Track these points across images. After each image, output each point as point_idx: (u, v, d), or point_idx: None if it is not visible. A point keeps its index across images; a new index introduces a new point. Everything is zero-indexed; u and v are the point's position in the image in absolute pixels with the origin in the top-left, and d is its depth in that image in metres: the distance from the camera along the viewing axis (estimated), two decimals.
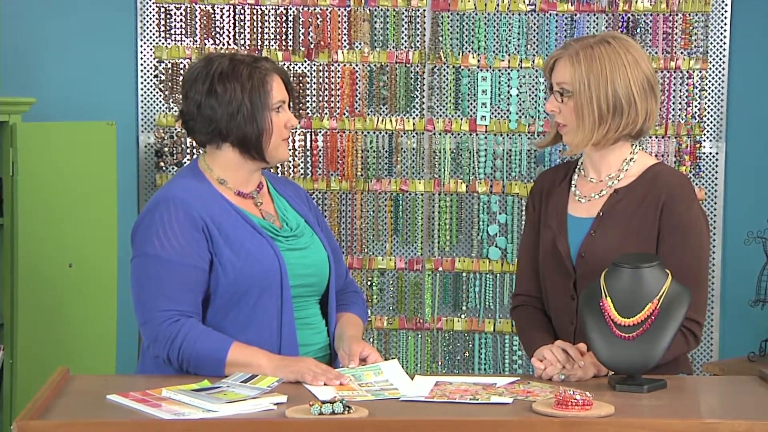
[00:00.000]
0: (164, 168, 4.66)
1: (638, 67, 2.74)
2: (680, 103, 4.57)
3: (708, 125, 4.57)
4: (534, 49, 4.60)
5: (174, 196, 2.73)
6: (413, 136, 4.64)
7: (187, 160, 4.65)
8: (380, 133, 4.64)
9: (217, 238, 2.72)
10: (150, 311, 2.68)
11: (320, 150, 4.59)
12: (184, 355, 2.66)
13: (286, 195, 2.93)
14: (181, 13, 4.64)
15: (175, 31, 4.65)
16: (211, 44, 4.63)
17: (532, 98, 4.59)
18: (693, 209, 2.79)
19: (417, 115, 4.64)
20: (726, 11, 4.55)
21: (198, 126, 2.77)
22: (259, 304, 2.74)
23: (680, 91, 4.57)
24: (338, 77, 4.62)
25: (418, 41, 4.62)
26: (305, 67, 4.63)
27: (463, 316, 4.67)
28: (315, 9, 4.62)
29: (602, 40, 2.76)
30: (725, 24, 4.55)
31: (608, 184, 2.85)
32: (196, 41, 4.64)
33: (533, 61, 4.59)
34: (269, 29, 4.64)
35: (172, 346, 2.66)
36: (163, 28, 4.64)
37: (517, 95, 4.59)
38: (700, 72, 4.55)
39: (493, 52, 4.60)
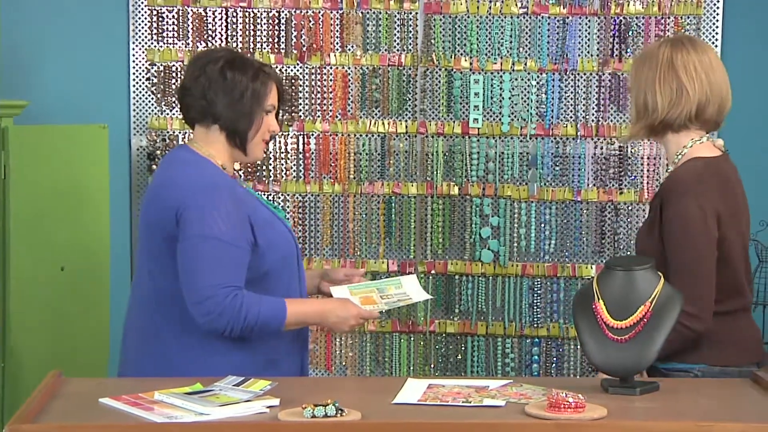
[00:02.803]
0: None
1: (672, 73, 2.97)
2: None
3: None
4: (526, 51, 4.60)
5: (216, 183, 2.92)
6: (406, 139, 4.63)
7: None
8: (373, 135, 4.64)
9: (253, 220, 2.93)
10: (212, 288, 2.82)
11: (313, 153, 4.59)
12: (249, 324, 2.84)
13: None
14: (173, 16, 4.64)
15: (167, 34, 4.64)
16: (203, 47, 4.62)
17: (525, 101, 4.59)
18: (681, 203, 2.87)
19: (409, 117, 4.64)
20: (718, 14, 4.56)
21: (196, 102, 2.98)
22: (282, 281, 2.97)
23: None
24: (331, 80, 4.62)
25: (410, 44, 4.62)
26: (298, 70, 4.63)
27: (455, 319, 4.67)
28: (307, 12, 4.61)
29: (657, 45, 3.04)
30: (717, 27, 4.56)
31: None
32: (189, 44, 4.63)
33: (525, 64, 4.59)
34: (261, 32, 4.63)
35: (237, 318, 2.83)
36: (155, 31, 4.64)
37: (510, 98, 4.59)
38: None
39: (486, 54, 4.60)
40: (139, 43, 4.65)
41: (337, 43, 4.63)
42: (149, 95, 4.65)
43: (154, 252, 2.96)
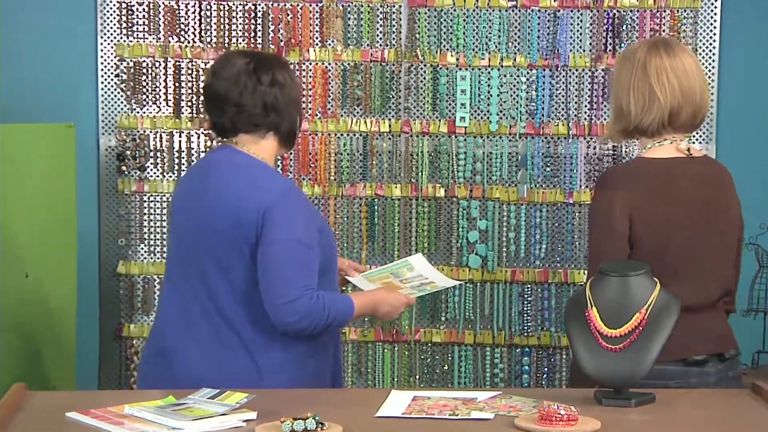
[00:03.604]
0: (126, 172, 4.64)
1: (644, 79, 3.08)
2: None
3: None
4: (515, 46, 4.61)
5: (293, 186, 3.14)
6: (389, 139, 4.64)
7: (151, 164, 4.64)
8: (354, 135, 4.64)
9: (314, 222, 3.12)
10: (301, 288, 2.99)
11: (291, 153, 4.59)
12: (330, 321, 3.03)
13: None
14: (143, 9, 4.63)
15: (137, 28, 4.64)
16: (176, 42, 4.62)
17: (514, 98, 4.61)
18: (596, 195, 3.11)
19: (393, 116, 4.64)
20: (716, 7, 4.58)
21: (255, 116, 3.10)
22: (328, 279, 3.14)
23: None
24: (310, 77, 4.62)
25: (393, 39, 4.63)
26: None
27: (441, 328, 4.67)
28: (285, 5, 4.61)
29: (636, 48, 3.16)
30: (715, 20, 4.58)
31: None
32: (160, 39, 4.63)
33: (515, 60, 4.60)
34: (237, 26, 4.63)
35: (321, 317, 3.01)
36: (124, 25, 4.63)
37: (498, 95, 4.60)
38: None
39: (473, 50, 4.61)
40: (108, 37, 4.64)
41: (316, 38, 4.63)
42: (119, 93, 4.65)
43: (230, 255, 3.06)
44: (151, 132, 4.64)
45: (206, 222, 3.07)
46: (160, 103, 4.65)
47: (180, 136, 4.65)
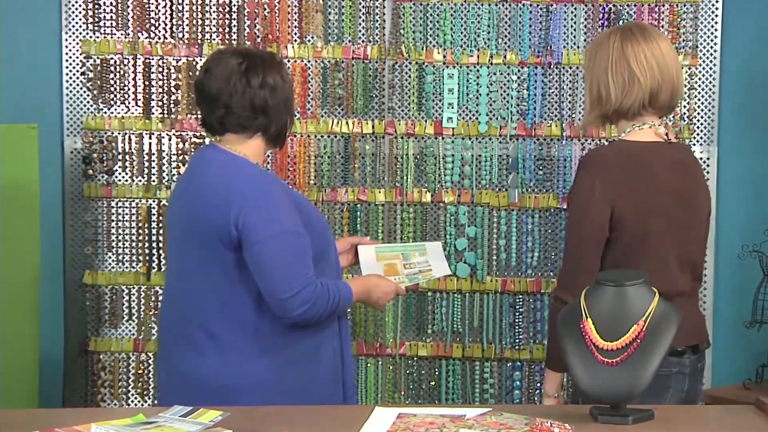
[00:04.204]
0: (93, 176, 4.62)
1: (622, 61, 3.23)
2: None
3: (698, 127, 4.60)
4: (505, 43, 4.61)
5: (265, 179, 3.22)
6: (372, 140, 4.63)
7: (119, 167, 4.62)
8: (335, 136, 4.64)
9: (301, 211, 3.24)
10: (305, 277, 3.16)
11: (269, 156, 4.57)
12: (334, 306, 3.22)
13: None
14: (111, 3, 4.62)
15: (104, 24, 4.62)
16: (145, 37, 4.61)
17: (504, 98, 4.60)
18: (577, 177, 3.22)
19: (376, 116, 4.64)
20: (717, 1, 4.58)
21: (243, 118, 3.22)
22: (325, 265, 3.29)
23: None
24: (288, 75, 4.61)
25: (377, 35, 4.62)
26: None
27: (428, 341, 4.66)
28: None
29: (608, 34, 3.30)
30: (716, 15, 4.59)
31: None
32: (129, 34, 4.62)
33: (505, 57, 4.60)
34: (211, 21, 4.62)
35: (328, 304, 3.19)
36: (90, 20, 4.61)
37: (488, 94, 4.60)
38: (689, 68, 4.58)
39: (461, 46, 4.61)
40: (73, 33, 4.62)
41: (295, 34, 4.62)
42: (84, 92, 4.63)
43: (208, 255, 3.19)
44: (119, 133, 4.63)
45: (186, 222, 3.23)
46: (129, 103, 4.63)
47: (150, 138, 4.63)
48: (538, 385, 4.63)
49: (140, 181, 4.64)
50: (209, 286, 3.17)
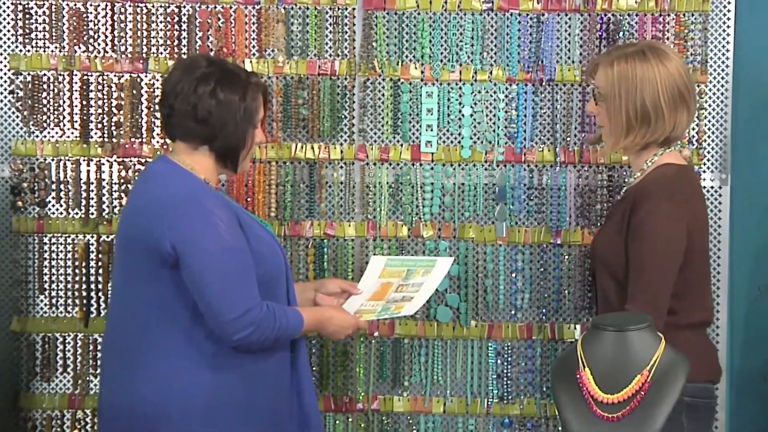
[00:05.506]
0: (23, 208, 4.60)
1: (670, 78, 3.54)
2: None
3: (709, 152, 4.62)
4: (491, 57, 4.62)
5: (196, 196, 3.41)
6: (341, 168, 4.63)
7: (53, 198, 4.60)
8: (299, 163, 4.63)
9: (245, 230, 3.46)
10: (250, 299, 3.36)
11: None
12: (279, 333, 3.44)
13: None
14: (43, 13, 4.61)
15: (36, 35, 4.61)
16: (83, 51, 4.60)
17: (490, 119, 4.61)
18: (653, 203, 3.40)
19: (345, 140, 4.64)
20: (729, 11, 4.61)
21: (185, 123, 3.51)
22: (271, 293, 3.48)
23: None
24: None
25: (346, 48, 4.63)
26: None
27: (404, 394, 4.65)
28: (215, 7, 4.61)
29: (639, 51, 3.59)
30: (728, 26, 4.61)
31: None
32: (64, 48, 4.61)
33: (491, 73, 4.61)
34: (157, 33, 4.62)
35: (273, 327, 3.40)
36: (20, 32, 4.61)
37: (471, 115, 4.61)
38: (699, 86, 4.60)
39: (441, 61, 4.62)
40: (0, 46, 4.61)
41: (253, 47, 4.63)
42: (13, 113, 4.62)
43: (144, 272, 3.42)
44: (53, 160, 4.61)
45: (126, 236, 3.49)
46: (65, 126, 4.62)
47: (88, 165, 4.62)
48: None
49: (77, 214, 4.62)
50: (148, 302, 3.38)
